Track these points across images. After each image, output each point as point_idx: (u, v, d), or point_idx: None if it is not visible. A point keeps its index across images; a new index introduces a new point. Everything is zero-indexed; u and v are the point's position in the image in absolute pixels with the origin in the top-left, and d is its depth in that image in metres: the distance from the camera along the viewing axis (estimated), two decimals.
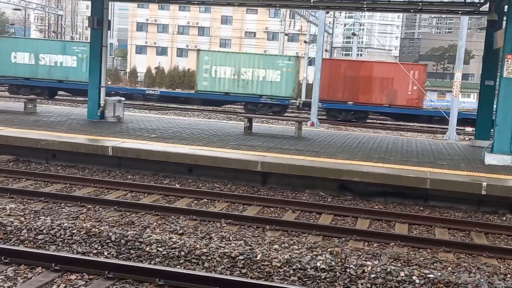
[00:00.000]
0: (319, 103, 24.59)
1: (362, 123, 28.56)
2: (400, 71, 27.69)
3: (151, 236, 6.43)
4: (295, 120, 16.02)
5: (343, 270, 5.75)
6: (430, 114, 29.38)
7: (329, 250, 6.56)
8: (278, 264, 5.83)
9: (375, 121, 31.07)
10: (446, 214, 9.12)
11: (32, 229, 6.53)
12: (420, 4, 15.12)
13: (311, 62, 38.59)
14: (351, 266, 5.80)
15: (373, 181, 9.78)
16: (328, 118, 28.78)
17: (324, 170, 10.03)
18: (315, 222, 8.15)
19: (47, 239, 6.37)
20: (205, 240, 6.67)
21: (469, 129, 25.43)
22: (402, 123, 29.01)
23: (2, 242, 6.21)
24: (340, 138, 15.16)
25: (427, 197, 9.71)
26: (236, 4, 18.12)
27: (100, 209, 8.17)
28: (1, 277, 5.23)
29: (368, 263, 5.95)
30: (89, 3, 16.20)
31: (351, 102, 28.84)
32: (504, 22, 13.07)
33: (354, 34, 39.72)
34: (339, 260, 6.02)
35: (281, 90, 30.24)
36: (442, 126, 27.08)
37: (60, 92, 34.39)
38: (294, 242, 6.90)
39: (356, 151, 12.32)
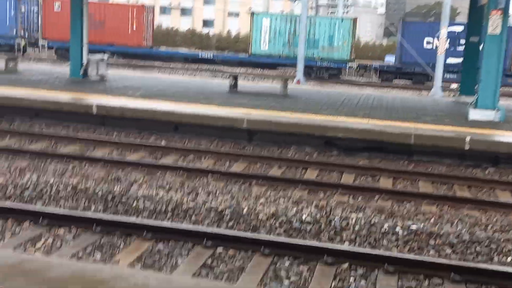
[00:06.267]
0: None
1: None
2: None
3: (138, 191, 6.46)
4: (281, 77, 15.95)
5: (328, 222, 5.85)
6: None
7: (314, 203, 6.64)
8: (264, 218, 5.90)
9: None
10: (430, 168, 9.24)
11: (18, 186, 6.52)
12: None
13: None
14: (335, 218, 5.90)
15: (358, 137, 9.85)
16: None
17: (310, 127, 10.05)
18: (300, 178, 8.22)
19: (34, 195, 6.37)
20: (192, 195, 6.71)
21: (454, 85, 25.52)
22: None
23: None
24: (325, 95, 15.15)
25: (411, 152, 9.82)
26: None
27: (86, 166, 8.16)
28: None
29: (353, 215, 6.05)
30: None
31: None
32: None
33: None
34: (324, 213, 6.11)
35: None
36: None
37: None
38: (280, 196, 6.97)
39: (341, 108, 12.34)
